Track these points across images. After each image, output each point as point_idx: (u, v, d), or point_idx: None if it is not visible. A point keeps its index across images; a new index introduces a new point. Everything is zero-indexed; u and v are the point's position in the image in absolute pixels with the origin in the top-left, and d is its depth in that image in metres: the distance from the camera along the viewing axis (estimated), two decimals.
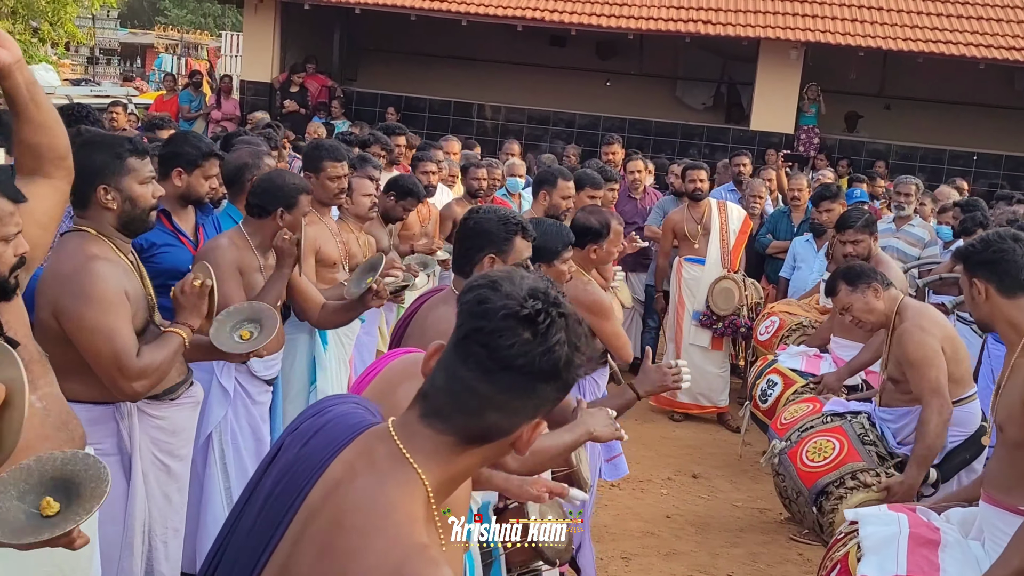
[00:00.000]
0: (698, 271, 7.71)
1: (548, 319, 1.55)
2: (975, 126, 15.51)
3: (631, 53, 16.51)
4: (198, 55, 24.95)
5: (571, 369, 1.58)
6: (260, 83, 15.73)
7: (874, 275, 4.49)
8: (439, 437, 1.59)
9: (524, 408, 1.59)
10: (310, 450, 1.71)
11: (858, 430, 4.36)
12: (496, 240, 3.12)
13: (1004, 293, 3.04)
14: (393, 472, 1.59)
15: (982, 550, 2.96)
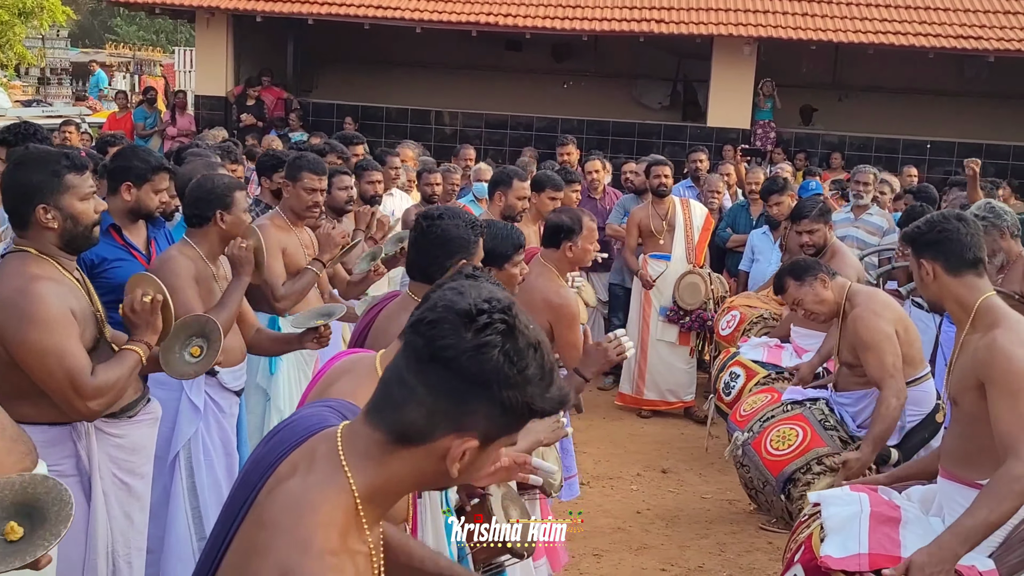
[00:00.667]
0: (664, 267, 7.75)
1: (488, 320, 1.50)
2: (927, 115, 15.72)
3: (587, 55, 16.58)
4: (151, 72, 24.72)
5: (502, 381, 1.49)
6: (215, 97, 15.62)
7: (819, 267, 4.56)
8: (372, 435, 1.56)
9: (445, 411, 1.51)
10: (265, 452, 1.71)
11: (819, 416, 4.42)
12: (466, 245, 3.07)
13: (951, 272, 3.08)
14: (323, 472, 1.56)
15: (942, 525, 2.99)
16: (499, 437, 1.56)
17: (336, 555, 1.48)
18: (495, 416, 1.52)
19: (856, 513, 3.06)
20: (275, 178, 6.21)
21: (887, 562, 2.89)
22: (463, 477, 1.59)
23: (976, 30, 14.49)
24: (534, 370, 1.51)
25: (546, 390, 1.53)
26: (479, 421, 1.52)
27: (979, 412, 2.93)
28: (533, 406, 1.53)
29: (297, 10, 14.72)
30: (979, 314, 3.04)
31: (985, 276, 3.11)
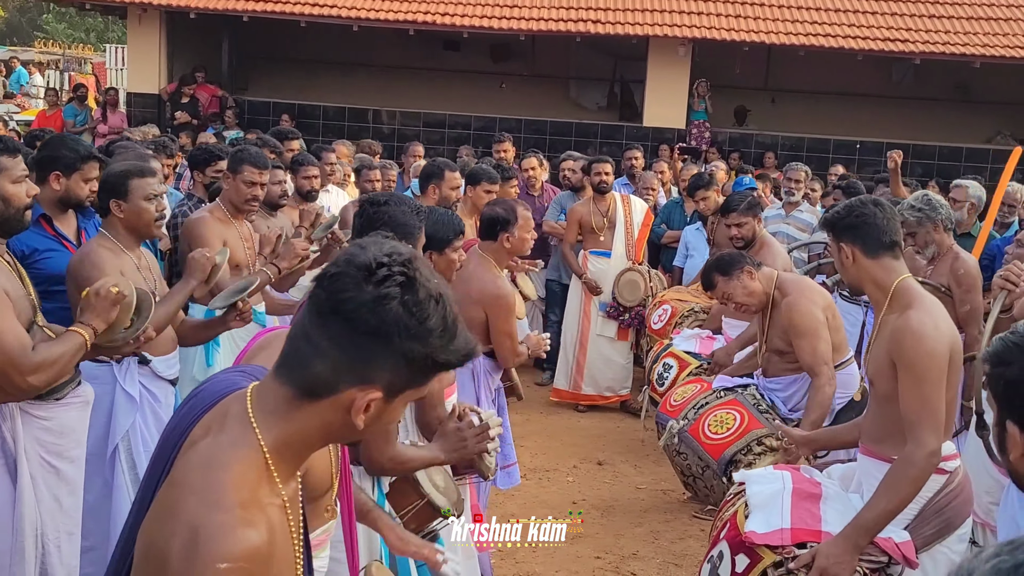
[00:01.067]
0: (604, 263, 7.84)
1: (388, 273, 1.53)
2: (857, 116, 16.09)
3: (524, 55, 16.66)
4: (82, 70, 24.27)
5: (402, 332, 1.51)
6: (148, 95, 15.40)
7: (743, 259, 4.66)
8: (280, 390, 1.59)
9: (348, 363, 1.54)
10: (179, 418, 1.75)
11: (752, 400, 4.51)
12: (411, 231, 3.12)
13: (869, 254, 3.18)
14: (233, 430, 1.59)
15: (861, 501, 3.09)
16: (405, 390, 1.59)
17: (247, 508, 1.50)
18: (398, 368, 1.54)
19: (779, 490, 3.15)
20: (208, 172, 6.19)
21: (808, 536, 2.99)
22: (370, 429, 1.61)
23: (903, 33, 14.87)
24: (435, 321, 1.54)
25: (449, 342, 1.56)
26: (382, 373, 1.54)
27: (891, 392, 3.03)
28: (436, 358, 1.55)
29: (232, 7, 14.57)
30: (895, 295, 3.14)
31: (901, 259, 3.22)
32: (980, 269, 5.45)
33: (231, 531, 1.46)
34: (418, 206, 3.22)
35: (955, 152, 15.41)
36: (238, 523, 1.47)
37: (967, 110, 16.19)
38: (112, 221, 3.91)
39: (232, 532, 1.46)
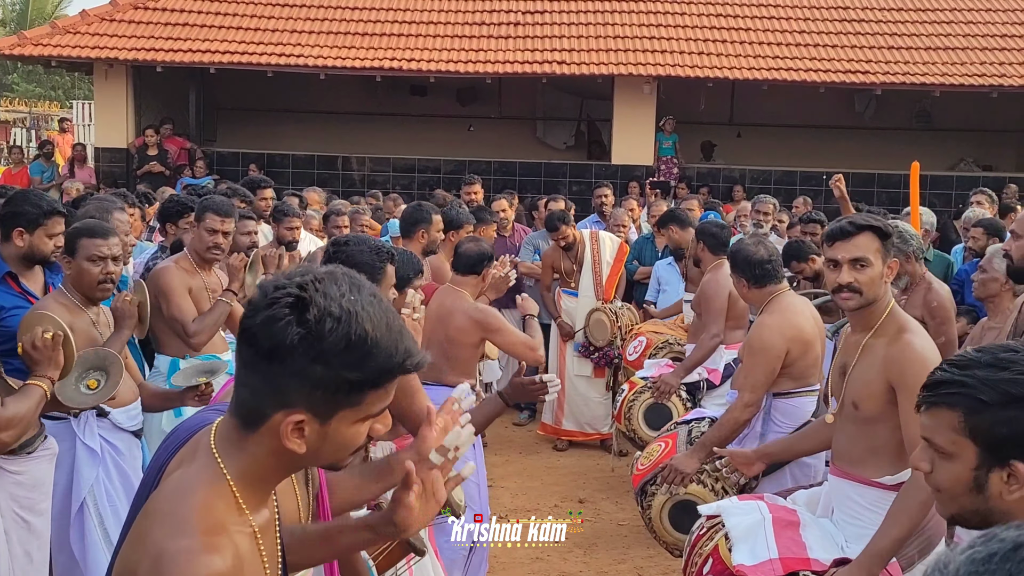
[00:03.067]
0: (572, 303, 7.89)
1: (278, 296, 1.51)
2: (821, 147, 16.29)
3: (491, 97, 16.77)
4: (49, 127, 24.21)
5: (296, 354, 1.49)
6: (116, 149, 15.35)
7: (743, 271, 4.46)
8: (230, 421, 1.62)
9: (261, 388, 1.54)
10: (157, 455, 1.80)
11: (694, 434, 4.42)
12: (373, 270, 3.14)
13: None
14: (200, 461, 1.61)
15: (832, 525, 3.08)
16: (336, 410, 1.55)
17: (211, 534, 1.50)
18: (307, 390, 1.52)
19: (759, 520, 3.13)
20: (180, 224, 6.15)
21: (798, 564, 2.97)
22: (325, 452, 1.59)
23: (863, 64, 15.09)
24: (334, 340, 1.49)
25: (361, 360, 1.51)
26: (297, 396, 1.52)
27: (881, 415, 3.02)
28: (349, 378, 1.51)
29: (198, 59, 14.60)
30: (885, 319, 3.14)
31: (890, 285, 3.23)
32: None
33: (194, 556, 1.46)
34: (380, 245, 3.24)
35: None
36: (202, 549, 1.47)
37: (930, 138, 16.44)
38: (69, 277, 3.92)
39: (195, 557, 1.46)
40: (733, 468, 3.99)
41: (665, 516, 4.25)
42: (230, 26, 15.31)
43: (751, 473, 3.78)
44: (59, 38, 14.74)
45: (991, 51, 15.42)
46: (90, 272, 3.86)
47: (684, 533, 4.04)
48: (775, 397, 4.32)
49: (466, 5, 16.20)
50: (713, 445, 4.19)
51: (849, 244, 3.12)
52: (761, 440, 4.30)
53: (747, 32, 15.81)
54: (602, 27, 15.71)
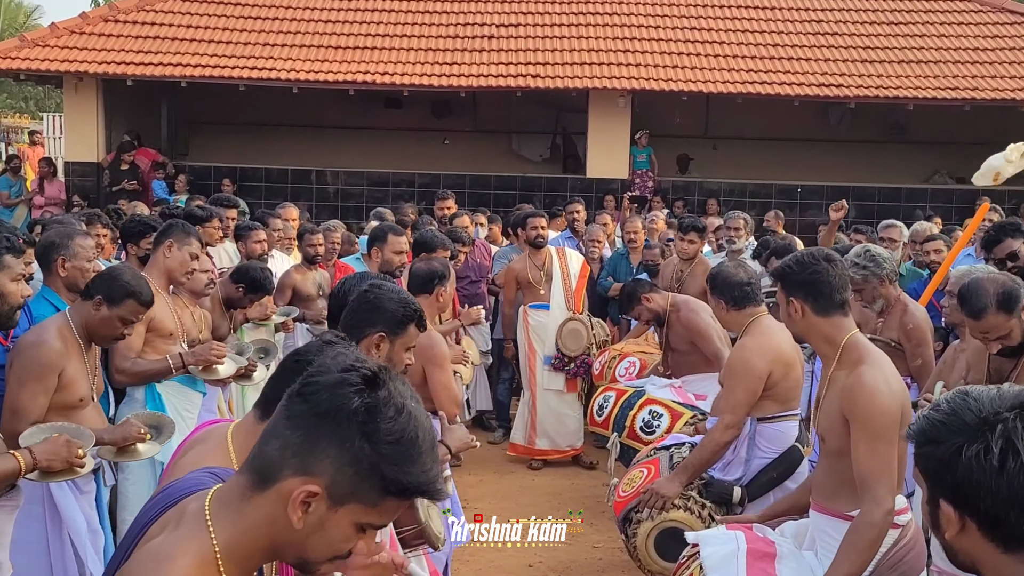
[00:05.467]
0: (544, 316, 7.82)
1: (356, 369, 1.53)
2: (796, 160, 16.33)
3: (466, 110, 16.72)
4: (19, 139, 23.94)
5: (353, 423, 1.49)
6: (86, 163, 15.17)
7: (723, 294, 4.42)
8: (238, 479, 1.57)
9: (296, 445, 1.51)
10: (141, 513, 1.73)
11: (675, 460, 4.37)
12: (392, 321, 3.07)
13: (819, 313, 3.13)
14: (186, 528, 1.55)
15: (815, 559, 3.03)
16: (349, 500, 1.51)
17: None
18: (341, 463, 1.49)
19: (733, 551, 3.08)
20: (142, 244, 6.03)
21: None
22: (313, 542, 1.54)
23: (837, 78, 15.16)
24: (391, 428, 1.50)
25: (404, 461, 1.51)
26: (325, 465, 1.50)
27: (843, 448, 2.99)
28: (385, 471, 1.49)
29: (169, 73, 14.46)
30: (845, 351, 3.10)
31: (850, 315, 3.18)
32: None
33: None
34: (410, 300, 3.17)
35: (895, 192, 15.67)
36: None
37: (904, 151, 16.52)
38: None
39: None
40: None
41: (651, 544, 4.19)
42: (202, 39, 15.18)
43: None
44: (28, 51, 14.56)
45: (964, 64, 15.53)
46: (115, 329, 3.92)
47: (671, 561, 4.02)
48: (759, 422, 4.28)
49: (440, 18, 16.15)
50: (695, 468, 4.19)
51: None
52: (746, 466, 4.27)
53: (721, 46, 15.84)
54: (576, 40, 15.70)
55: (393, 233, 5.85)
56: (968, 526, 1.48)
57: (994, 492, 1.44)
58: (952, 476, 1.48)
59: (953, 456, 1.48)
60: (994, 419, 1.47)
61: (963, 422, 1.49)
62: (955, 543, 1.52)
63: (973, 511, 1.47)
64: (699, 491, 4.23)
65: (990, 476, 1.44)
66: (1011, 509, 1.43)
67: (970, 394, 1.53)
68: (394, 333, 3.06)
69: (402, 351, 3.10)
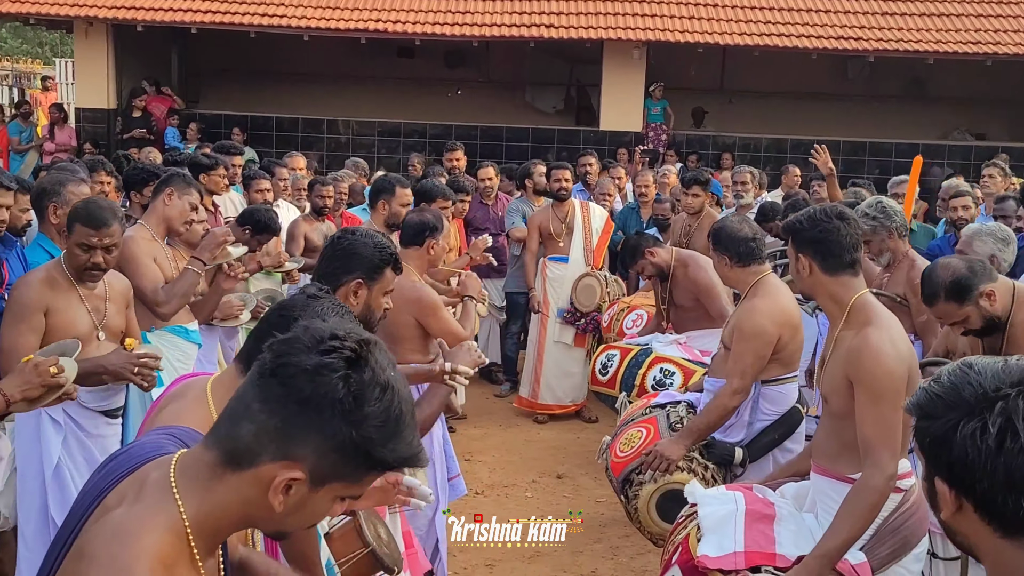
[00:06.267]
0: (562, 269, 7.79)
1: (338, 345, 1.44)
2: (813, 114, 16.10)
3: (479, 61, 16.54)
4: (32, 85, 23.86)
5: (336, 409, 1.41)
6: (97, 110, 15.08)
7: (728, 249, 4.33)
8: (206, 455, 1.48)
9: (273, 431, 1.43)
10: (95, 481, 1.61)
11: (672, 419, 4.32)
12: (368, 266, 3.04)
13: (827, 271, 3.05)
14: (150, 500, 1.46)
15: (815, 521, 2.99)
16: (331, 480, 1.47)
17: None
18: (324, 449, 1.43)
19: (731, 512, 3.04)
20: (144, 192, 5.98)
21: (762, 559, 2.88)
22: (292, 520, 1.49)
23: (856, 31, 14.89)
24: (376, 410, 1.43)
25: (389, 438, 1.45)
26: (307, 451, 1.43)
27: (847, 410, 2.92)
28: (371, 452, 1.44)
29: (180, 19, 14.31)
30: (853, 311, 3.02)
31: (860, 275, 3.10)
32: None
33: None
34: (385, 244, 3.13)
35: (912, 148, 15.39)
36: None
37: (923, 106, 16.27)
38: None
39: None
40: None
41: (653, 506, 4.13)
42: None
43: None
44: None
45: (986, 18, 15.22)
46: (78, 257, 3.79)
47: (672, 523, 3.93)
48: (763, 384, 4.22)
49: None
50: (700, 431, 4.12)
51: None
52: (748, 429, 4.21)
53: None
54: None
55: (400, 185, 5.76)
56: (965, 507, 1.40)
57: (990, 474, 1.35)
58: (948, 454, 1.39)
59: (948, 433, 1.39)
60: (994, 395, 1.37)
61: (961, 397, 1.40)
62: (952, 523, 1.44)
63: (969, 492, 1.39)
64: (701, 452, 4.18)
65: (986, 457, 1.35)
66: (1008, 493, 1.35)
67: (973, 367, 1.43)
68: (371, 278, 3.04)
69: (380, 296, 3.08)
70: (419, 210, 4.84)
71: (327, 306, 2.25)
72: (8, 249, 4.17)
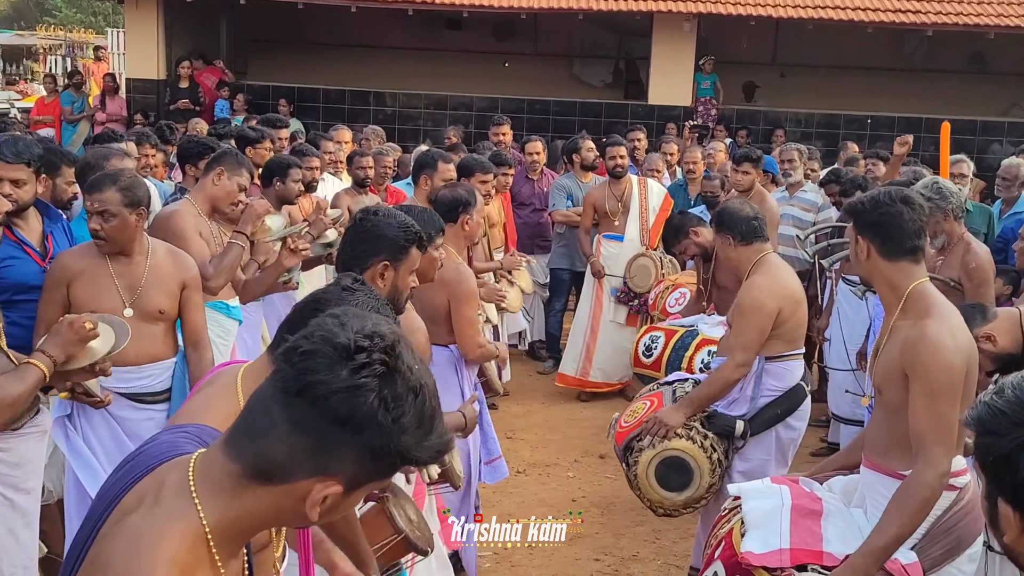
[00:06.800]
0: (617, 248, 7.69)
1: (368, 359, 1.36)
2: (868, 90, 15.73)
3: (527, 33, 16.38)
4: (84, 55, 24.08)
5: (374, 427, 1.35)
6: (147, 80, 15.18)
7: (731, 228, 4.46)
8: (228, 465, 1.41)
9: (308, 451, 1.36)
10: (111, 483, 1.56)
11: (678, 394, 4.43)
12: (393, 247, 3.00)
13: (886, 256, 2.95)
14: (170, 504, 1.41)
15: (864, 517, 2.90)
16: (367, 483, 1.43)
17: None
18: (363, 463, 1.38)
19: (777, 507, 2.95)
20: (200, 165, 5.96)
21: (808, 557, 2.80)
22: (324, 520, 1.45)
23: (914, 4, 14.52)
24: (411, 418, 1.38)
25: (423, 439, 1.40)
26: (345, 466, 1.38)
27: (901, 403, 2.82)
28: (407, 455, 1.40)
29: None
30: (910, 300, 2.91)
31: (922, 263, 2.98)
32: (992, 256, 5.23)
33: None
34: (409, 223, 3.07)
35: (970, 125, 15.03)
36: None
37: (982, 82, 15.82)
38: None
39: None
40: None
41: (652, 472, 4.25)
42: None
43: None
44: None
45: None
46: (90, 224, 3.77)
47: (670, 491, 4.21)
48: (768, 361, 4.31)
49: None
50: (700, 402, 4.23)
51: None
52: (751, 404, 4.31)
53: None
54: None
55: (443, 160, 5.69)
56: None
57: None
58: (1012, 475, 1.29)
59: (1015, 452, 1.29)
60: None
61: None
62: (1016, 547, 1.34)
63: None
64: (702, 423, 4.29)
65: None
66: None
67: None
68: (397, 259, 2.99)
69: (407, 276, 3.04)
70: (451, 186, 4.76)
71: (362, 299, 2.20)
72: (53, 222, 4.16)
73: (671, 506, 4.33)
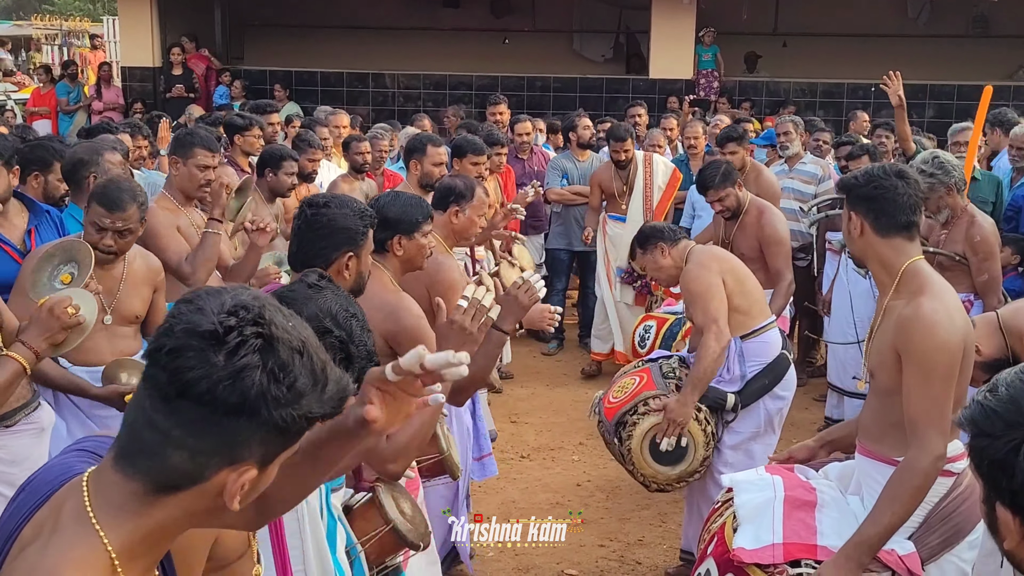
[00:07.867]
0: (620, 228, 7.64)
1: (239, 338, 1.27)
2: (871, 57, 15.48)
3: (525, 9, 16.21)
4: (81, 43, 23.94)
5: (270, 404, 1.27)
6: (143, 68, 15.07)
7: (659, 236, 4.60)
8: (126, 484, 1.33)
9: (212, 449, 1.29)
10: (8, 517, 1.47)
11: (664, 369, 4.51)
12: (353, 237, 2.91)
13: (879, 232, 2.85)
14: (68, 533, 1.32)
15: (861, 505, 2.82)
16: (281, 454, 1.37)
17: None
18: (271, 440, 1.32)
19: (769, 500, 2.88)
20: None
21: (802, 551, 2.74)
22: (244, 504, 1.39)
23: None
24: (304, 379, 1.31)
25: (322, 393, 1.34)
26: (253, 449, 1.32)
27: (894, 386, 2.73)
28: (311, 416, 1.34)
29: None
30: (904, 279, 2.82)
31: (916, 240, 2.89)
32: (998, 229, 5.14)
33: None
34: (363, 209, 2.98)
35: (975, 90, 14.72)
36: None
37: (987, 46, 15.59)
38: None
39: None
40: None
41: (646, 445, 4.28)
42: None
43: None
44: None
45: None
46: (91, 236, 3.67)
47: (664, 464, 4.28)
48: (743, 340, 4.41)
49: None
50: (700, 382, 4.25)
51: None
52: (743, 382, 4.39)
53: None
54: None
55: (432, 144, 5.58)
56: None
57: None
58: (1009, 480, 1.22)
59: (1010, 456, 1.21)
60: None
61: (1022, 412, 1.22)
62: (1017, 553, 1.26)
63: None
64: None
65: None
66: None
67: None
68: (358, 246, 2.92)
69: (368, 259, 2.99)
70: (454, 176, 4.68)
71: (330, 296, 2.14)
72: (37, 217, 4.08)
73: (664, 480, 4.37)
